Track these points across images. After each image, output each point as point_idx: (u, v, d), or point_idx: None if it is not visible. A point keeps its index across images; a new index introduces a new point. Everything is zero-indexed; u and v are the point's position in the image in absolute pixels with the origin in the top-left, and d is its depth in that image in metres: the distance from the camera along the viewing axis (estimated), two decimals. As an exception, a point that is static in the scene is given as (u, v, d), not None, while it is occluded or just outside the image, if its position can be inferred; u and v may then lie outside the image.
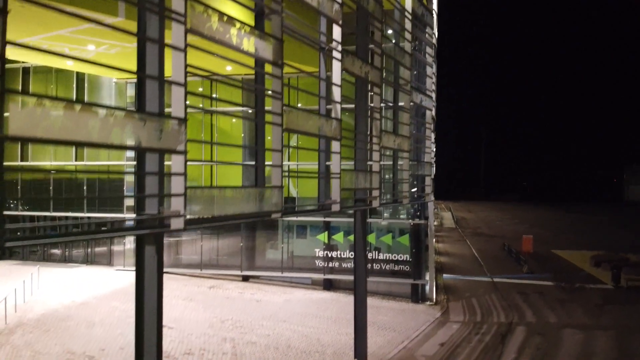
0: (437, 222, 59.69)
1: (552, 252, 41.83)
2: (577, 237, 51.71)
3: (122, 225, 25.07)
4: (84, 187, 32.16)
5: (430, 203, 26.06)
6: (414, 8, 20.56)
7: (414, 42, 21.78)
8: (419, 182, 24.00)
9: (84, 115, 7.18)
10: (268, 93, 11.74)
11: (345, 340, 18.74)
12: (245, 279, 28.20)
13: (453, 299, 26.08)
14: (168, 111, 8.80)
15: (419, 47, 23.76)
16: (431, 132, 25.05)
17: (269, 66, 11.77)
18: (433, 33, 24.54)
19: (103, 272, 29.41)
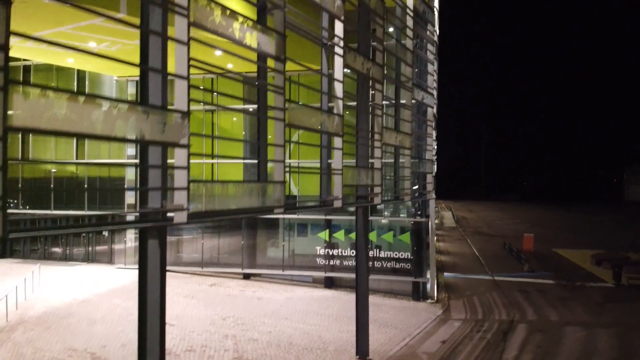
0: (437, 221, 59.60)
1: (552, 250, 41.80)
2: (578, 237, 51.67)
3: (125, 218, 25.01)
4: (85, 186, 32.17)
5: (432, 201, 26.02)
6: (415, 5, 20.56)
7: (416, 39, 21.76)
8: (420, 180, 23.98)
9: (88, 107, 7.18)
10: (270, 88, 11.73)
11: (346, 338, 18.72)
12: (246, 277, 28.18)
13: (454, 297, 26.04)
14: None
15: (420, 45, 23.74)
16: (432, 130, 25.03)
17: (272, 63, 11.78)
18: (434, 30, 24.54)
19: (104, 270, 29.41)
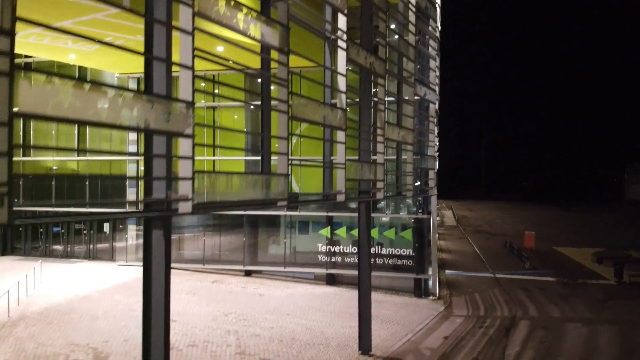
0: (438, 219, 59.54)
1: (553, 249, 41.77)
2: (578, 236, 51.62)
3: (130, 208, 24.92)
4: (86, 183, 32.15)
5: (433, 197, 25.97)
6: (417, 1, 20.53)
7: (418, 35, 21.73)
8: (422, 176, 23.95)
9: (93, 95, 7.16)
10: (274, 80, 11.71)
11: (349, 333, 18.70)
12: (247, 273, 28.16)
13: (456, 294, 26.02)
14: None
15: (423, 40, 23.71)
16: (434, 126, 25.00)
17: (275, 55, 11.75)
18: (436, 26, 24.50)
19: (105, 268, 29.38)
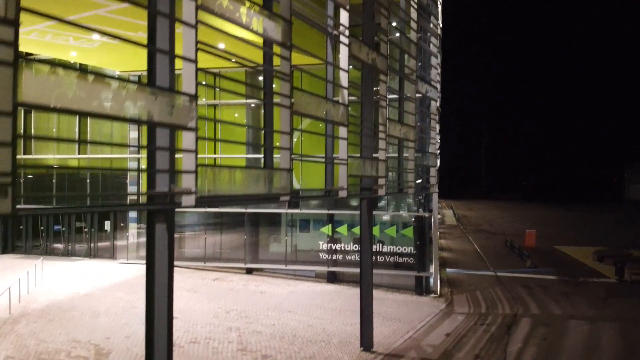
0: (439, 217, 59.51)
1: (554, 247, 41.76)
2: (579, 235, 51.60)
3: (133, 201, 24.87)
4: (87, 182, 32.14)
5: (435, 195, 25.95)
6: (419, -3, 20.53)
7: (420, 32, 21.72)
8: (424, 173, 23.93)
9: (97, 86, 7.14)
10: (277, 75, 11.70)
11: (350, 330, 18.69)
12: (249, 271, 28.14)
13: (457, 292, 26.01)
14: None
15: (424, 37, 23.69)
16: (436, 123, 24.98)
17: (277, 49, 11.74)
18: (438, 24, 24.49)
19: (106, 265, 29.36)
